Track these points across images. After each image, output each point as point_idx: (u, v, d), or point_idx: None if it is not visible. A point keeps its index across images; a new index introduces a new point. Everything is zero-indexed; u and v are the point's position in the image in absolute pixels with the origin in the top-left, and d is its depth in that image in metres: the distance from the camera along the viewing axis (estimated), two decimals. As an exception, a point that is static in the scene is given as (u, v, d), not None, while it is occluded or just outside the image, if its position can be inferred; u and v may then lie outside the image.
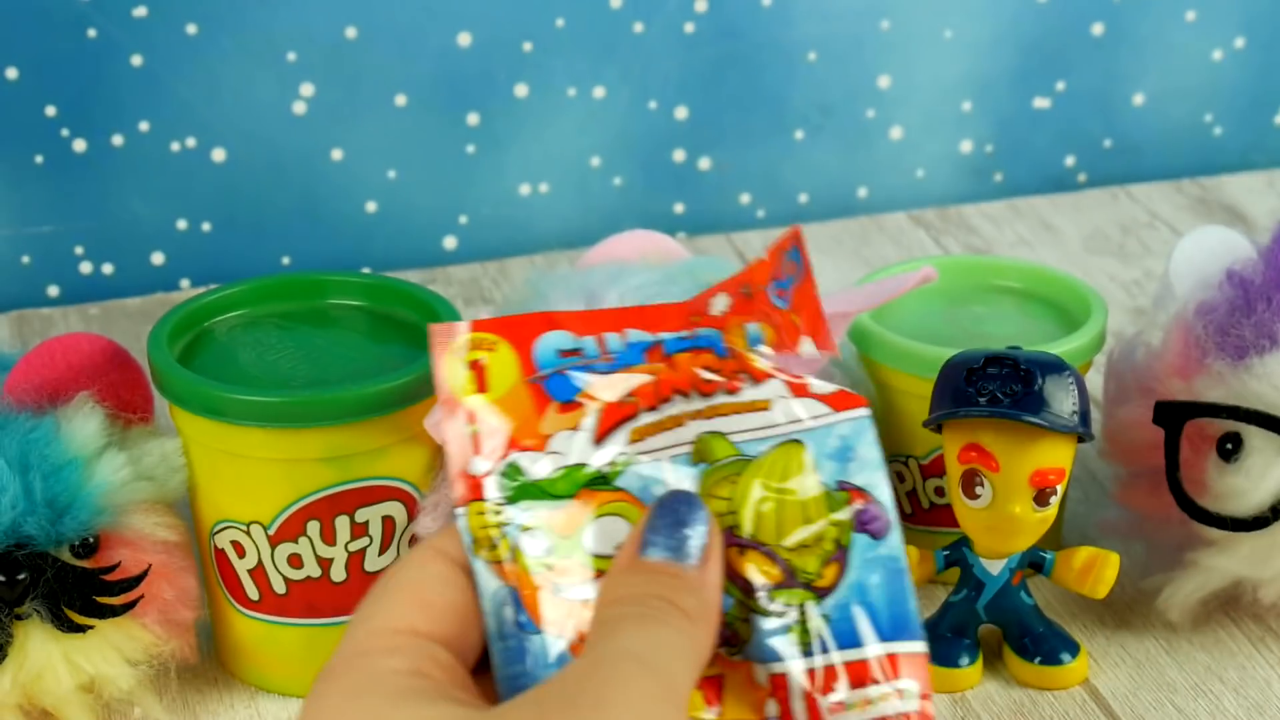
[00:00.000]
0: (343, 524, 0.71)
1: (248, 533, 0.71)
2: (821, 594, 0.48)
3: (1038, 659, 0.73)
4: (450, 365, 0.49)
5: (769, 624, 0.48)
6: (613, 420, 0.49)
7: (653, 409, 0.49)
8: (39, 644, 0.68)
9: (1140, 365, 0.77)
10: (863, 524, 0.48)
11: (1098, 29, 1.15)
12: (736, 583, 0.48)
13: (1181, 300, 0.76)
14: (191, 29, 1.02)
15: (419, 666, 0.45)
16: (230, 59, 1.03)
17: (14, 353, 0.74)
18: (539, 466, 0.49)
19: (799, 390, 0.50)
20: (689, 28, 1.08)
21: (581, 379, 0.50)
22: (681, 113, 1.10)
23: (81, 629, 0.68)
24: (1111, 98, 1.17)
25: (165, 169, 1.04)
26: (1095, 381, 0.81)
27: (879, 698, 0.47)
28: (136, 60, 1.02)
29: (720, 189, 1.13)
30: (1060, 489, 0.70)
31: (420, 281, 0.93)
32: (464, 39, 1.06)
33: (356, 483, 0.70)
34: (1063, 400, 0.69)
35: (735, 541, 0.48)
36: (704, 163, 1.12)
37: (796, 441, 0.49)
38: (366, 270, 1.06)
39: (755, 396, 0.49)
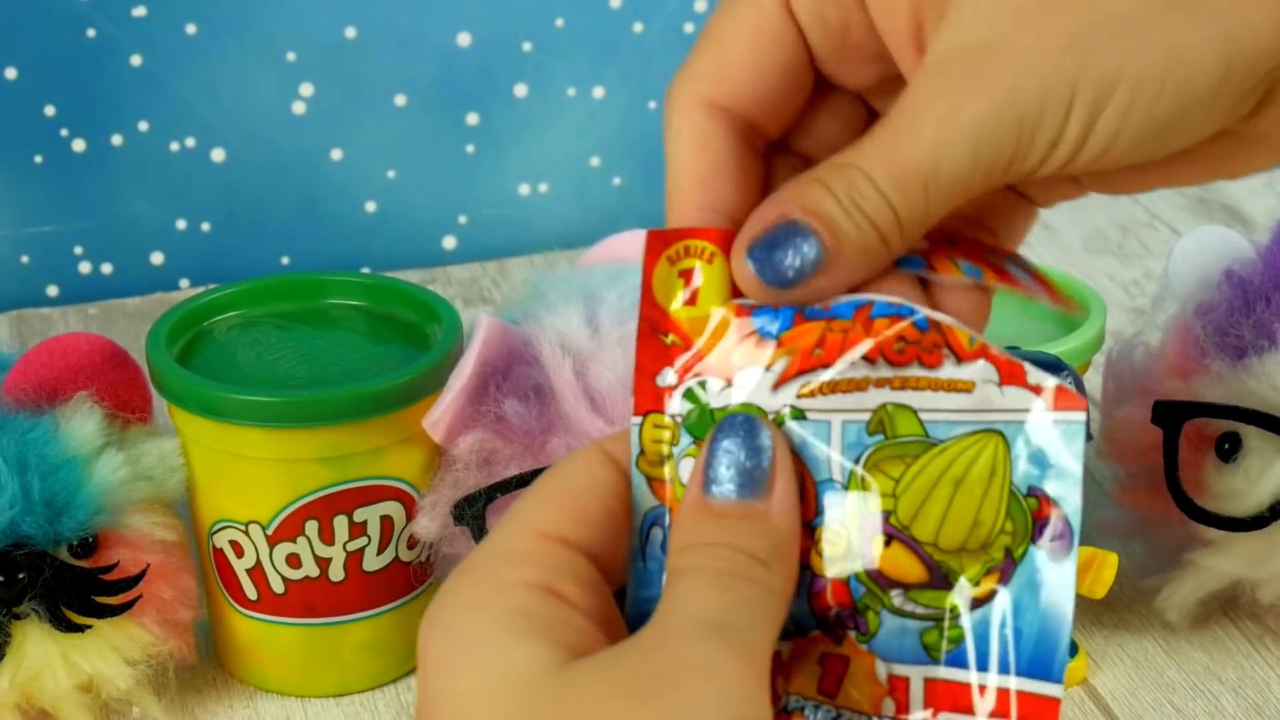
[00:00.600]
0: (341, 524, 0.71)
1: (246, 532, 0.71)
2: (972, 604, 0.43)
3: (1036, 659, 0.73)
4: (661, 269, 0.46)
5: (899, 623, 0.44)
6: (796, 368, 0.45)
7: (829, 366, 0.45)
8: (37, 644, 0.68)
9: (1139, 365, 0.77)
10: (1043, 539, 0.43)
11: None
12: (869, 571, 0.44)
13: (1181, 300, 0.76)
14: (191, 29, 1.02)
15: (551, 582, 0.42)
16: (230, 59, 1.03)
17: (13, 352, 0.74)
18: (721, 395, 0.45)
19: (1010, 376, 0.43)
20: (689, 28, 1.08)
21: (788, 317, 0.45)
22: (681, 113, 1.10)
23: (80, 629, 0.68)
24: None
25: (165, 169, 1.04)
26: (1095, 381, 0.81)
27: None
28: (136, 60, 1.02)
29: (720, 189, 1.13)
30: (1059, 489, 0.70)
31: (420, 281, 0.93)
32: (464, 39, 1.06)
33: (355, 482, 0.70)
34: (1061, 400, 0.69)
35: (883, 528, 0.44)
36: (704, 163, 1.12)
37: (996, 432, 0.43)
38: (366, 270, 1.06)
39: (956, 375, 0.44)
